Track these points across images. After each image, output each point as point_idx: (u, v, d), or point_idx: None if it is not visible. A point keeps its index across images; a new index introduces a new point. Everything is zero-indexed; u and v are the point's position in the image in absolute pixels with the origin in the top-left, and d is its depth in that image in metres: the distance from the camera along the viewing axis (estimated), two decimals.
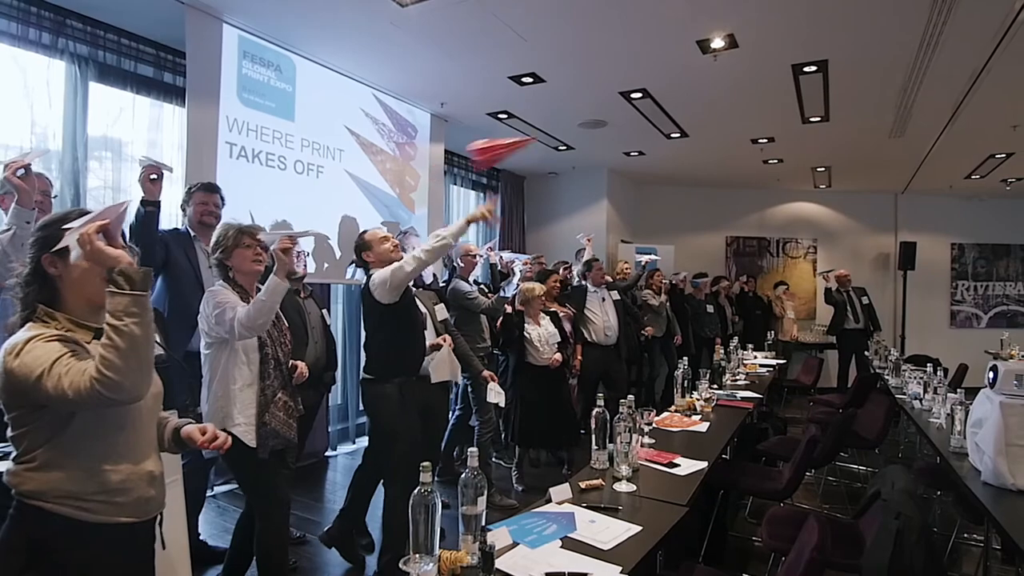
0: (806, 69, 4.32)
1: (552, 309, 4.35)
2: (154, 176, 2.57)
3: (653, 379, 6.41)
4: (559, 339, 4.10)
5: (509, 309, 4.09)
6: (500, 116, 5.50)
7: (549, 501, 1.89)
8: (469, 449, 1.50)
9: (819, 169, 7.60)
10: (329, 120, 4.45)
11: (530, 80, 4.60)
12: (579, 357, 4.80)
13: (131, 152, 3.70)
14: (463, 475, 1.46)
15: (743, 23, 3.66)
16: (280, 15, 3.68)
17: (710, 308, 6.99)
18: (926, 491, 3.33)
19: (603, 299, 4.99)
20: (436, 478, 3.64)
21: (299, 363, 2.43)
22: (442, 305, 3.47)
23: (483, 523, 1.47)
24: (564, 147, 6.61)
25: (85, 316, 1.30)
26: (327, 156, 4.43)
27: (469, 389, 3.93)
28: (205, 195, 2.98)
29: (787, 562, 1.82)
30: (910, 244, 8.41)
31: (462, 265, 4.16)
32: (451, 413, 4.45)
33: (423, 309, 3.10)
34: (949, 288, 9.01)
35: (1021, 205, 8.77)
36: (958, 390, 3.09)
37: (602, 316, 4.89)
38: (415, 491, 1.34)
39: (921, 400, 3.81)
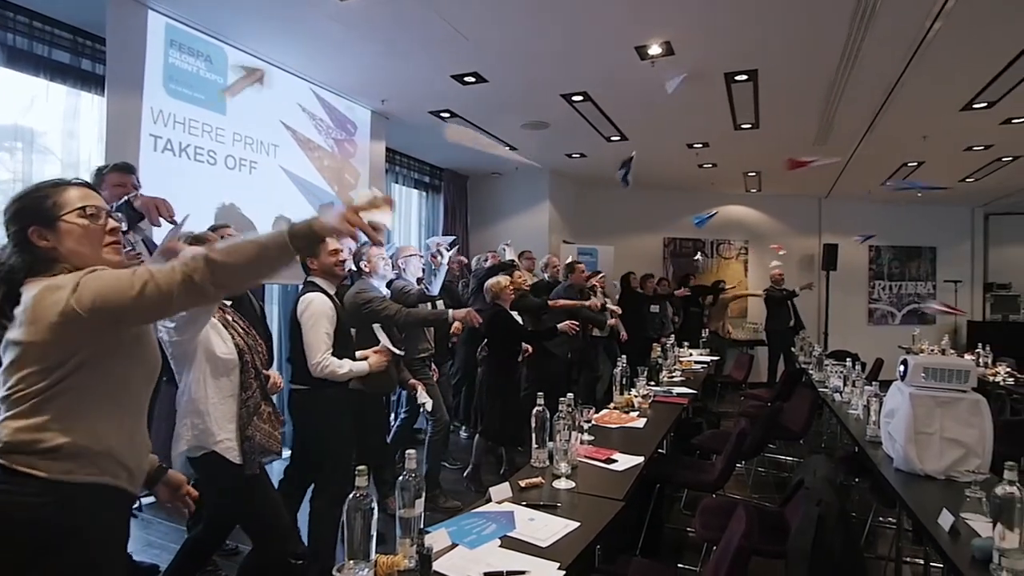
0: (738, 78, 4.50)
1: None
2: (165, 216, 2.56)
3: (596, 379, 6.52)
4: None
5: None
6: (443, 115, 5.47)
7: (489, 501, 1.89)
8: (407, 452, 1.48)
9: (750, 174, 7.96)
10: (263, 114, 4.30)
11: (473, 80, 4.59)
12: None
13: (45, 143, 3.46)
14: (401, 478, 1.44)
15: (679, 31, 3.78)
16: (211, 4, 3.52)
17: (655, 308, 7.20)
18: (846, 478, 3.54)
19: None
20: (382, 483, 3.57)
21: (272, 372, 2.33)
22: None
23: (421, 525, 1.46)
24: (507, 147, 6.63)
25: None
26: (261, 151, 4.28)
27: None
28: (120, 176, 2.80)
29: (717, 551, 1.89)
30: (832, 246, 8.93)
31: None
32: (395, 417, 4.39)
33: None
34: (867, 287, 9.63)
35: (930, 211, 9.46)
36: (873, 383, 3.29)
37: None
38: (350, 495, 1.31)
39: (841, 393, 4.04)
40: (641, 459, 2.39)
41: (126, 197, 2.58)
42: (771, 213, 9.38)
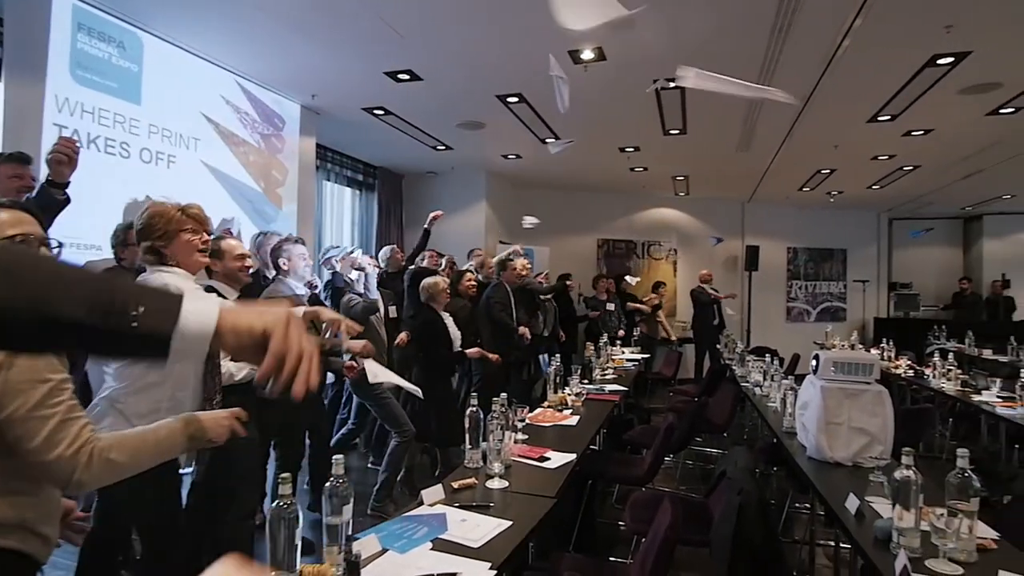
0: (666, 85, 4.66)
1: None
2: (67, 155, 2.26)
3: (535, 379, 6.58)
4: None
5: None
6: (376, 112, 5.37)
7: (421, 503, 1.87)
8: (334, 457, 1.44)
9: (678, 178, 8.26)
10: (183, 105, 4.08)
11: (407, 77, 4.53)
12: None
13: None
14: (328, 484, 1.40)
15: (610, 38, 3.87)
16: None
17: (611, 306, 7.37)
18: (765, 468, 3.74)
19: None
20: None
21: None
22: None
23: (349, 532, 1.42)
24: (443, 147, 6.59)
25: None
26: (180, 145, 4.06)
27: (373, 408, 3.71)
28: (15, 167, 2.55)
29: (645, 542, 1.95)
30: (754, 248, 9.41)
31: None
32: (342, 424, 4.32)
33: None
34: (785, 287, 10.22)
35: (842, 215, 10.14)
36: (789, 377, 3.48)
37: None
38: (273, 505, 1.26)
39: (761, 387, 4.26)
40: (573, 456, 2.43)
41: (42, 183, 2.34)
42: (698, 216, 9.78)
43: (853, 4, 3.30)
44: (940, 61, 4.09)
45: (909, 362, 5.81)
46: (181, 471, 2.07)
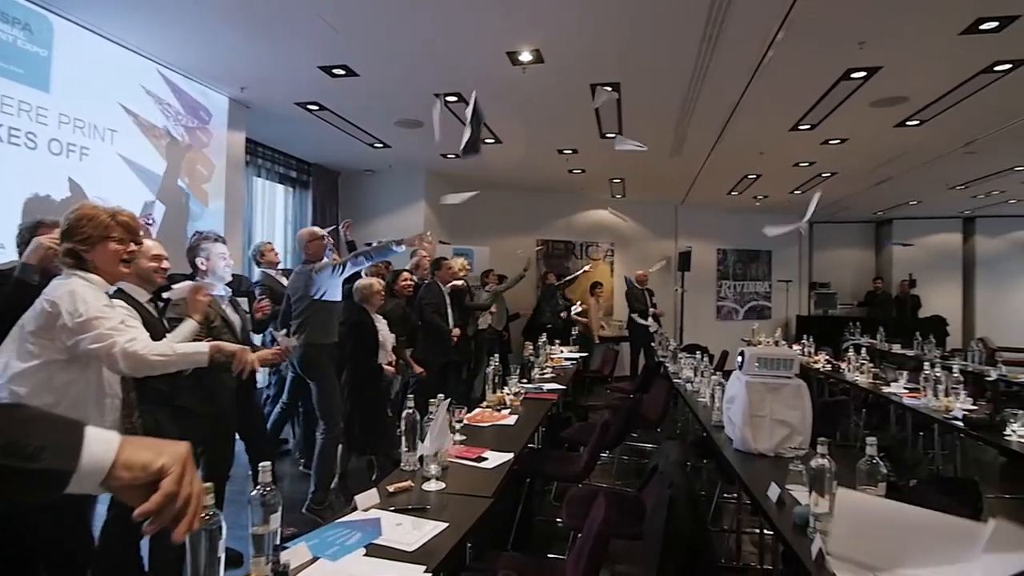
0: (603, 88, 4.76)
1: None
2: None
3: (474, 377, 6.58)
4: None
5: None
6: (310, 107, 5.21)
7: (355, 509, 1.83)
8: (261, 464, 1.39)
9: (615, 180, 8.45)
10: (98, 94, 3.82)
11: (342, 72, 4.42)
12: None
13: None
14: (253, 492, 1.35)
15: (548, 40, 3.92)
16: None
17: (563, 301, 7.56)
18: (696, 461, 3.87)
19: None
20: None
21: None
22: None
23: (277, 542, 1.37)
24: (380, 144, 6.48)
25: None
26: (94, 136, 3.80)
27: (315, 390, 3.64)
28: None
29: (580, 537, 1.98)
30: (687, 249, 9.76)
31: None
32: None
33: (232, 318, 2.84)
34: (715, 287, 10.65)
35: (768, 219, 10.58)
36: (718, 373, 3.63)
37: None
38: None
39: (692, 383, 4.42)
40: (511, 455, 2.44)
41: None
42: (635, 217, 10.03)
43: (776, 18, 3.47)
44: (854, 75, 4.37)
45: (827, 357, 6.18)
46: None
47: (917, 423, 4.69)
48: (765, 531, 3.03)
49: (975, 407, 3.65)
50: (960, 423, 3.39)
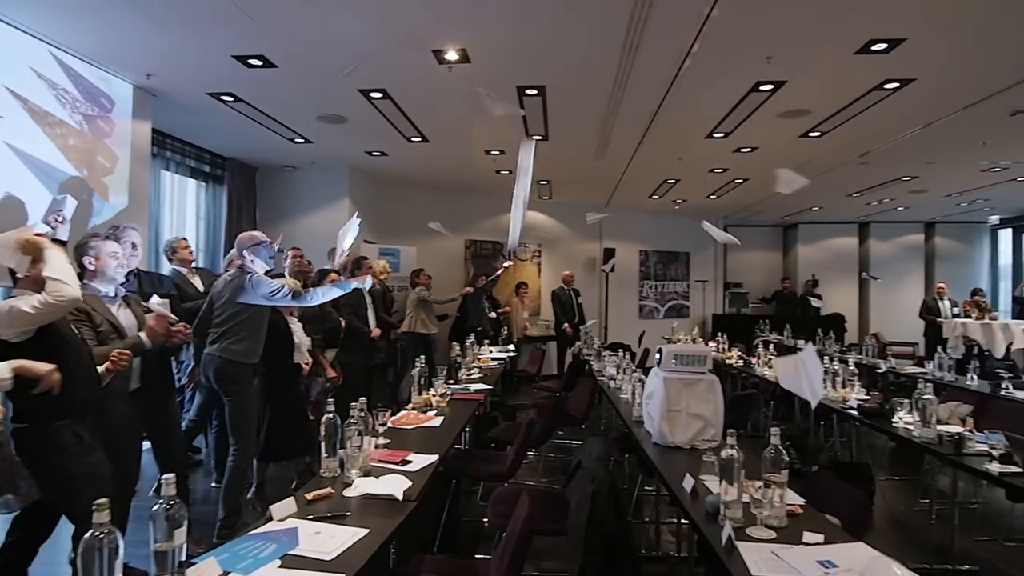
0: (528, 91, 4.81)
1: None
2: None
3: (400, 377, 6.49)
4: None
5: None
6: (224, 98, 4.95)
7: (270, 519, 1.75)
8: (162, 477, 1.30)
9: (542, 182, 8.56)
10: None
11: (259, 63, 4.23)
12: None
13: None
14: (155, 507, 1.26)
15: (474, 40, 3.91)
16: None
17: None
18: (619, 456, 3.99)
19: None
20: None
21: None
22: None
23: (183, 558, 1.29)
24: (301, 139, 6.25)
25: None
26: None
27: (228, 406, 3.34)
28: None
29: (505, 536, 1.99)
30: (610, 250, 10.05)
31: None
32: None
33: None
34: (638, 286, 11.02)
35: (686, 221, 11.11)
36: (638, 370, 3.75)
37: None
38: (86, 535, 1.11)
39: (615, 380, 4.55)
40: (436, 457, 2.42)
41: None
42: (561, 219, 10.22)
43: (691, 29, 3.63)
44: (762, 87, 4.64)
45: (739, 353, 6.53)
46: None
47: (819, 413, 5.05)
48: (682, 520, 3.16)
49: (868, 397, 3.97)
50: (855, 412, 3.67)
